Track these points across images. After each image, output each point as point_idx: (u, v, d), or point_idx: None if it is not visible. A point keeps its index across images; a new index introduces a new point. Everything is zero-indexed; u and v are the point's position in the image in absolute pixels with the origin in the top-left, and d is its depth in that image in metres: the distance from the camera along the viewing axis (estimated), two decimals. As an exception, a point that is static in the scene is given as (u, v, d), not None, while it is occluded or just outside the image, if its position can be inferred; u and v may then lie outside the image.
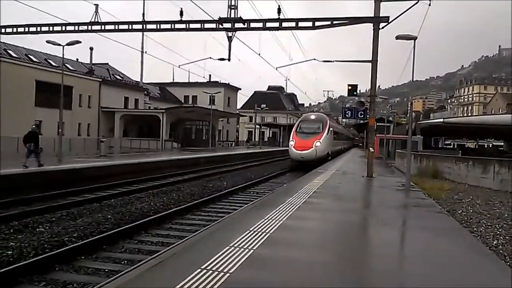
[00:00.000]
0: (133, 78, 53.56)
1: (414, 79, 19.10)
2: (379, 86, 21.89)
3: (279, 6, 18.73)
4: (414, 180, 14.78)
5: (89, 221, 9.43)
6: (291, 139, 24.51)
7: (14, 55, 34.93)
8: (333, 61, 21.38)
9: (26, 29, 21.74)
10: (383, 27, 15.90)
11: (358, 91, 17.78)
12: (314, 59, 22.42)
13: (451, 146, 65.98)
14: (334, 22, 17.76)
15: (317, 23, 18.17)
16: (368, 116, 17.29)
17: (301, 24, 18.63)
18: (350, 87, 17.14)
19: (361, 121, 38.93)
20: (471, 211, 10.37)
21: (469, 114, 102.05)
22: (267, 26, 19.18)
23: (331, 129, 25.89)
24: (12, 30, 22.00)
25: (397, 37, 14.14)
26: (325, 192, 10.73)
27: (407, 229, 7.39)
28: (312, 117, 27.44)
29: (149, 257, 6.45)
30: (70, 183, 14.87)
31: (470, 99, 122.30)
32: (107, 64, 50.81)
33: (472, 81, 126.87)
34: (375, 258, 5.21)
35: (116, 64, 59.77)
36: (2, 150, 23.06)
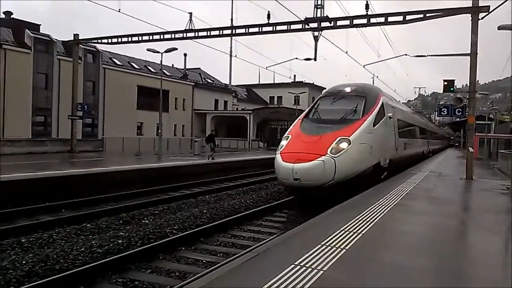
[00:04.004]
0: (222, 81, 55.88)
1: (520, 72, 17.29)
2: (477, 81, 18.23)
3: (367, 1, 18.30)
4: (522, 183, 13.43)
5: (187, 215, 10.16)
6: (286, 135, 11.75)
7: (118, 63, 38.53)
8: (426, 56, 20.26)
9: (129, 38, 23.96)
10: (482, 18, 14.68)
11: (454, 87, 16.65)
12: (406, 55, 21.46)
13: None
14: (427, 14, 16.87)
15: (408, 17, 17.42)
16: (466, 113, 16.09)
17: (390, 19, 18.01)
18: (446, 83, 16.08)
19: (457, 119, 36.16)
20: None
21: None
22: (354, 23, 18.85)
23: (389, 114, 12.84)
24: (118, 40, 24.39)
25: (500, 28, 12.98)
26: (419, 194, 10.25)
27: (513, 237, 6.80)
28: (346, 89, 12.74)
29: (242, 251, 6.84)
30: (168, 179, 16.11)
31: None
32: (199, 68, 53.75)
33: None
34: (475, 266, 4.92)
35: (207, 68, 63.00)
36: (110, 150, 25.64)
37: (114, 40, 24.39)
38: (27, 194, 11.53)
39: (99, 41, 25.50)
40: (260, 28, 20.73)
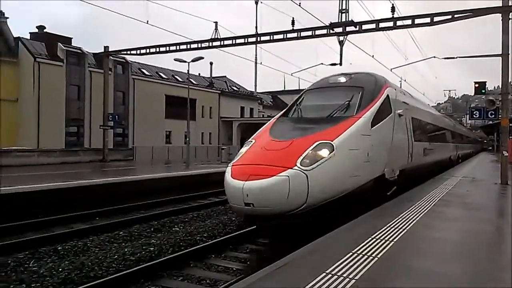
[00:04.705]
0: (247, 88, 56.26)
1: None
2: (510, 82, 17.01)
3: (392, 4, 18.15)
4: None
5: (216, 223, 10.27)
6: (249, 139, 8.60)
7: (147, 73, 39.44)
8: (456, 58, 19.78)
9: (157, 49, 24.51)
10: (514, 17, 14.27)
11: (485, 89, 16.21)
12: (434, 57, 21.07)
13: None
14: (456, 15, 16.55)
15: (436, 18, 17.15)
16: (499, 116, 15.59)
17: (417, 21, 17.76)
18: (477, 85, 15.68)
19: (490, 122, 35.01)
20: None
21: None
22: (380, 26, 18.68)
23: (398, 111, 10.22)
24: (146, 51, 24.98)
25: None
26: (451, 200, 10.00)
27: (553, 244, 6.53)
28: (340, 79, 10.05)
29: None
30: (197, 186, 16.33)
31: None
32: (225, 76, 54.37)
33: None
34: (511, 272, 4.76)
35: (232, 76, 63.83)
36: (140, 159, 26.15)
37: (143, 51, 25.00)
38: (62, 202, 11.93)
39: (128, 52, 26.19)
40: (285, 34, 20.80)
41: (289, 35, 20.64)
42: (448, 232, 6.66)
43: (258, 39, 22.30)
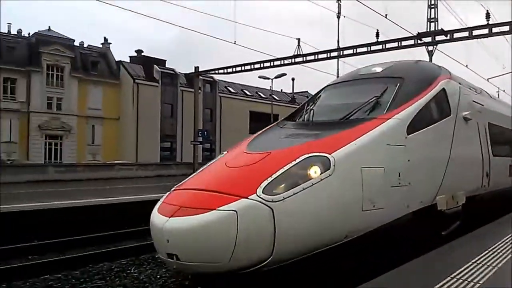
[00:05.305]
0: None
1: None
2: None
3: (487, 11, 16.95)
4: None
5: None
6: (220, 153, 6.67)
7: (232, 90, 41.11)
8: None
9: (243, 67, 25.44)
10: None
11: None
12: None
13: None
14: None
15: (539, 23, 15.66)
16: None
17: (516, 27, 16.34)
18: None
19: None
20: None
21: None
22: (473, 34, 17.51)
23: (463, 113, 7.11)
24: (233, 69, 26.07)
25: None
26: None
27: None
28: (375, 69, 7.17)
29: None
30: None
31: None
32: (306, 91, 54.47)
33: None
34: None
35: (314, 91, 63.74)
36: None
37: (230, 70, 26.12)
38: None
39: (216, 72, 27.53)
40: (369, 47, 20.31)
41: (373, 48, 20.14)
42: None
43: (341, 53, 22.08)
